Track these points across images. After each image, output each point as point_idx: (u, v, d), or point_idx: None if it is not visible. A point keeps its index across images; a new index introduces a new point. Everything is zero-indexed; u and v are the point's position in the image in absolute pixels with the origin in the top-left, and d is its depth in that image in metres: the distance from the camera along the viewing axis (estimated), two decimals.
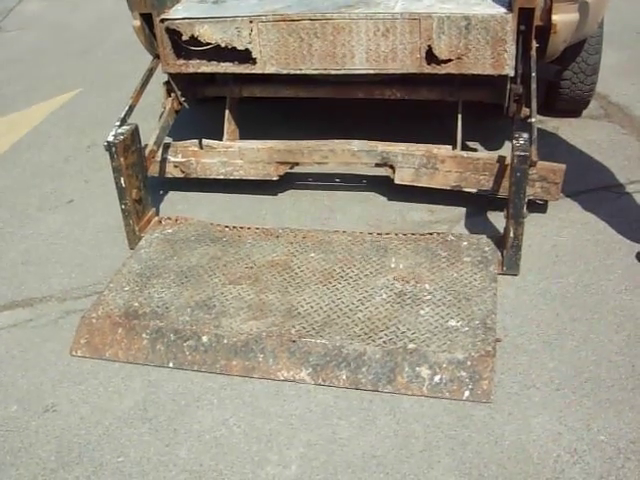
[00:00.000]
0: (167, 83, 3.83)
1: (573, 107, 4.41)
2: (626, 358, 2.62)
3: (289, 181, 3.92)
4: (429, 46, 3.22)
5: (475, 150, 3.99)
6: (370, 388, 2.61)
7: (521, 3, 3.08)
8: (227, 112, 3.97)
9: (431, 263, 3.13)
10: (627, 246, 3.22)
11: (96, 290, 3.26)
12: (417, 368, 2.61)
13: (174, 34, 3.51)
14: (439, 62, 3.25)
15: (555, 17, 3.20)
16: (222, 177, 3.82)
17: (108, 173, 3.47)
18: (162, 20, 3.51)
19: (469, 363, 2.58)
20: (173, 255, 3.37)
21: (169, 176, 3.92)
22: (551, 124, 4.36)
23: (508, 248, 3.07)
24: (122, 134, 3.38)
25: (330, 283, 3.08)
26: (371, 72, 3.39)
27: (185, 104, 3.92)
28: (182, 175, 3.89)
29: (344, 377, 2.64)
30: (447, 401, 2.52)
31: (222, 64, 3.52)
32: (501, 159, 3.38)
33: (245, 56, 3.45)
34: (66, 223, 3.92)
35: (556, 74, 4.11)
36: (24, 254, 3.66)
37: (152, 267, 3.30)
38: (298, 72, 3.47)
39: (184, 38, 3.49)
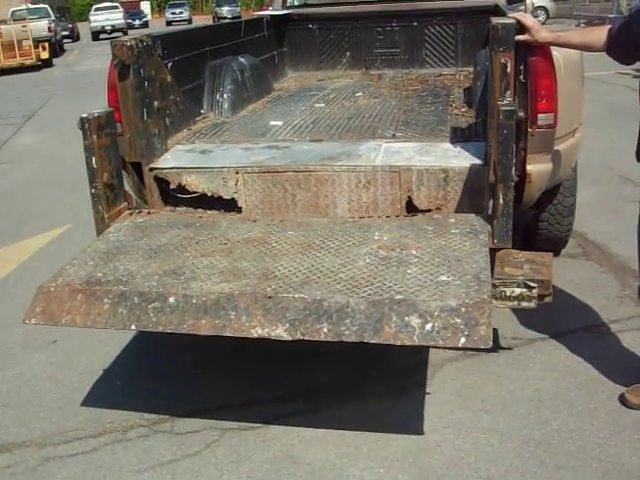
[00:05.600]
0: None
1: (551, 247, 4.43)
2: None
3: None
4: (409, 197, 3.33)
5: None
6: (354, 339, 2.43)
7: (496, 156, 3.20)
8: None
9: (417, 235, 3.00)
10: (610, 389, 3.23)
11: (77, 436, 3.20)
12: (406, 318, 2.42)
13: (162, 182, 3.62)
14: (419, 212, 3.34)
15: (530, 167, 3.32)
16: None
17: None
18: (151, 169, 3.62)
19: (463, 310, 2.41)
20: (143, 237, 3.23)
21: None
22: None
23: (498, 217, 2.97)
24: (97, 113, 3.32)
25: (310, 252, 2.91)
26: None
27: None
28: None
29: (325, 330, 2.45)
30: None
31: (208, 212, 3.60)
32: None
33: (231, 205, 3.54)
34: (49, 364, 3.89)
35: (533, 217, 4.24)
36: (5, 396, 3.62)
37: (120, 246, 3.15)
38: None
39: (172, 186, 3.60)
